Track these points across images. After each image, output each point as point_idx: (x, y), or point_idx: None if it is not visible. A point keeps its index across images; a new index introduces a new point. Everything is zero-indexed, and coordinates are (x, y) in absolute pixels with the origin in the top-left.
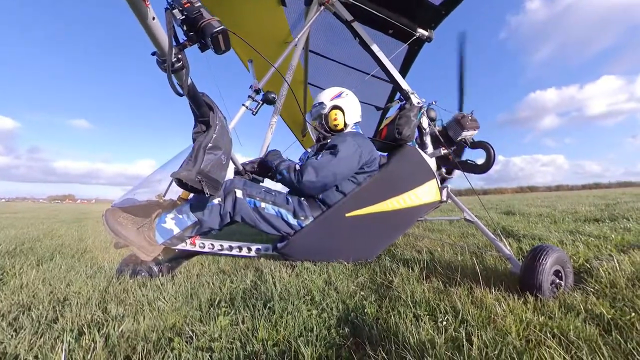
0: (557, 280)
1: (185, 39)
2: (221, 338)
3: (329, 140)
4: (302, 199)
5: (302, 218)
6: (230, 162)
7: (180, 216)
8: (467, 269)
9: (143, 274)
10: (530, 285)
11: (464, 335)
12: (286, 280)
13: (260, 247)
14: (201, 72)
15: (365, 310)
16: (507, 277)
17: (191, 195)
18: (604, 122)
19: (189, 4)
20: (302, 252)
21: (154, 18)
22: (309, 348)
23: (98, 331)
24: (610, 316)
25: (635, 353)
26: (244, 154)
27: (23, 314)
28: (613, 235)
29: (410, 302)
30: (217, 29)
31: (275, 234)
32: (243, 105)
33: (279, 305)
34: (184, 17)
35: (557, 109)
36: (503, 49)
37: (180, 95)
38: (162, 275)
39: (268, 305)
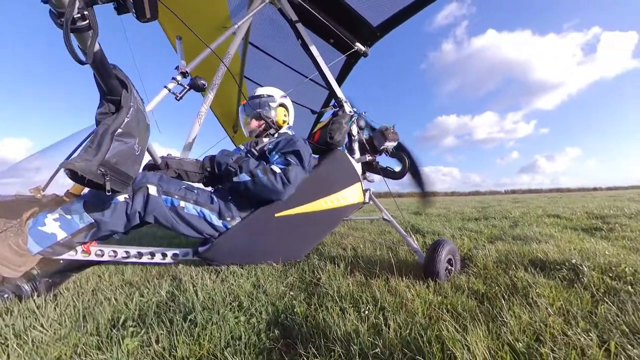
0: (450, 267)
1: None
2: None
3: (276, 139)
4: (230, 197)
5: (228, 219)
6: (146, 154)
7: (69, 217)
8: (384, 262)
9: (6, 295)
10: (431, 272)
11: (382, 320)
12: (210, 287)
13: (177, 251)
14: (114, 40)
15: (295, 310)
16: (415, 267)
17: (86, 189)
18: (484, 146)
19: None
20: (228, 255)
21: None
22: (237, 358)
23: None
24: (483, 291)
25: (498, 316)
26: (162, 144)
27: None
28: (485, 230)
29: (336, 297)
30: None
31: (197, 237)
32: (165, 87)
33: (202, 316)
34: None
35: (456, 132)
36: (422, 77)
37: (82, 63)
38: (38, 295)
39: (189, 317)
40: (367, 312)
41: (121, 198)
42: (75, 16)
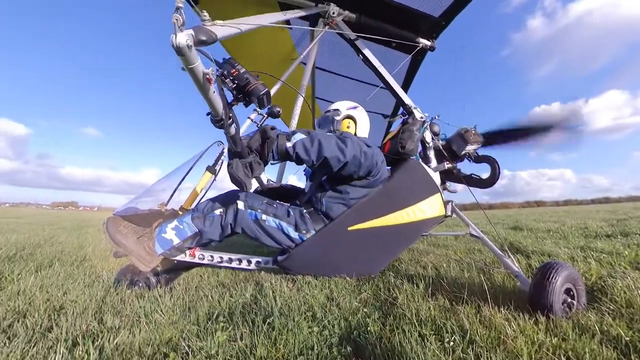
0: (569, 299)
1: (233, 98)
2: (218, 355)
3: None
4: (305, 211)
5: (304, 231)
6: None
7: (181, 226)
8: (474, 286)
9: (140, 284)
10: (541, 305)
11: (472, 356)
12: (287, 294)
13: (260, 259)
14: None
15: (369, 329)
16: (516, 296)
17: (193, 205)
18: (609, 136)
19: (236, 72)
20: (303, 266)
21: (214, 92)
22: None
23: (92, 343)
24: (628, 338)
25: None
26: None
27: (18, 321)
28: (626, 252)
29: (415, 321)
30: (263, 91)
31: (276, 247)
32: (249, 117)
33: (279, 321)
34: (235, 85)
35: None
36: (506, 65)
37: (238, 152)
38: (160, 287)
39: (268, 320)
40: (452, 343)
41: (217, 212)
42: (223, 117)
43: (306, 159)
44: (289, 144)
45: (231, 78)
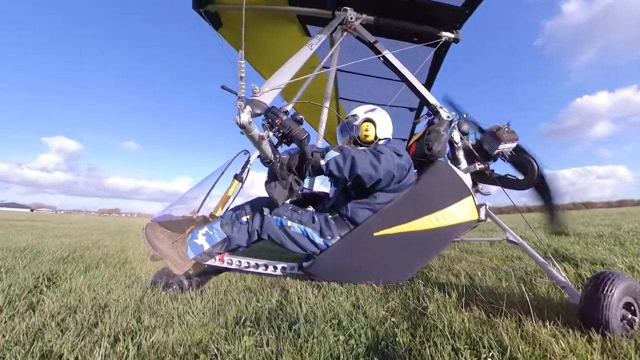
0: (630, 316)
1: (278, 141)
2: (245, 359)
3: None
4: (330, 217)
5: (329, 237)
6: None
7: (211, 233)
8: (513, 297)
9: (174, 287)
10: (594, 321)
11: None
12: (312, 301)
13: (285, 265)
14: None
15: (397, 339)
16: (564, 309)
17: (222, 212)
18: None
19: (280, 121)
20: (328, 272)
21: (266, 144)
22: None
23: (131, 340)
24: None
25: None
26: None
27: (69, 316)
28: None
29: (447, 333)
30: (304, 136)
31: (301, 253)
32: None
33: (305, 328)
34: (280, 134)
35: (611, 113)
36: (539, 55)
37: (285, 185)
38: (192, 290)
39: (293, 327)
40: (490, 359)
41: (244, 219)
42: (272, 160)
43: (339, 175)
44: (322, 162)
45: (277, 128)
